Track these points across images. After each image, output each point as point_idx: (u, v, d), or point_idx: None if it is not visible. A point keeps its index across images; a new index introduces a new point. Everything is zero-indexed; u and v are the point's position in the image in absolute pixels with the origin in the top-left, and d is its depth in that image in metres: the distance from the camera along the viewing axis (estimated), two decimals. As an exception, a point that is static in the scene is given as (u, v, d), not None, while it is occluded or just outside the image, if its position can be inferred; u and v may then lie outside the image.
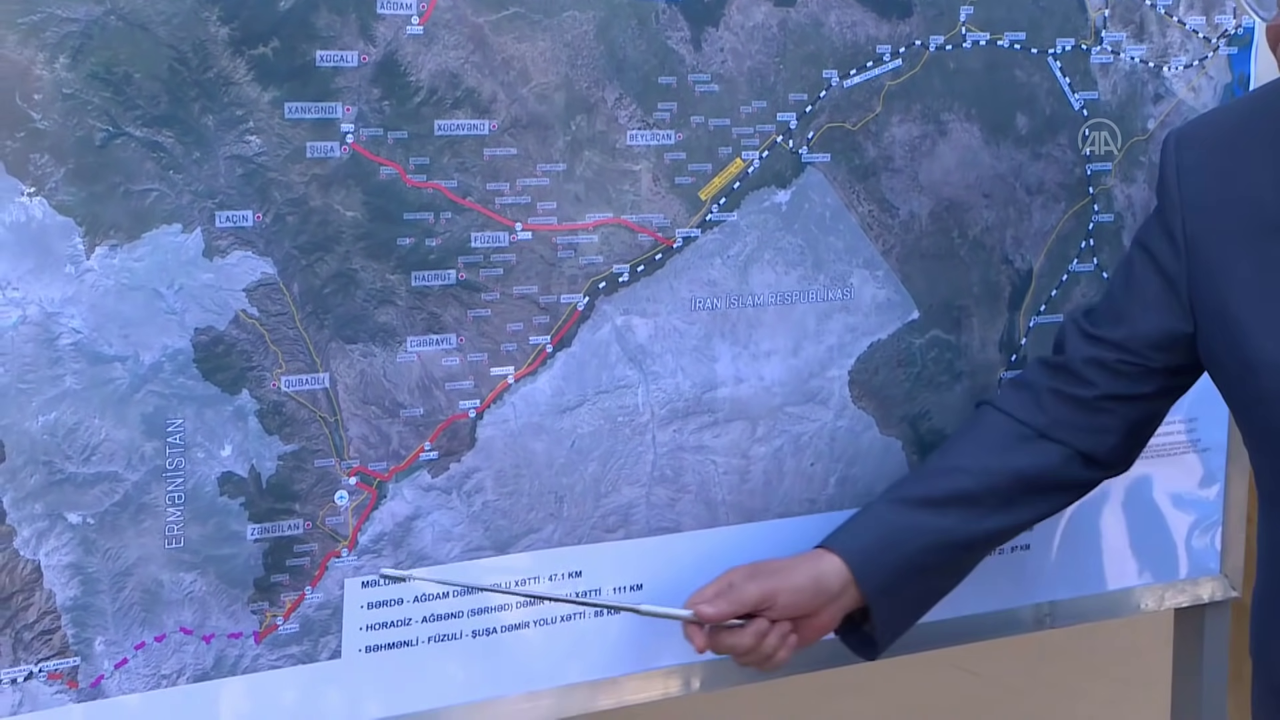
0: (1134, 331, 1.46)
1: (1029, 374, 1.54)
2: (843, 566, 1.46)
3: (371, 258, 1.37)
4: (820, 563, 1.46)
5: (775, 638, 1.44)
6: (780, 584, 1.43)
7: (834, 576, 1.46)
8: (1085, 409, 1.49)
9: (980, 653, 1.97)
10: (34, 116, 1.23)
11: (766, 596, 1.43)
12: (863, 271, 1.59)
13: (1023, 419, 1.51)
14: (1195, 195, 1.41)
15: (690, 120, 1.49)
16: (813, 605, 1.45)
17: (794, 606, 1.44)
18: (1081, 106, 1.67)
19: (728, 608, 1.42)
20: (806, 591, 1.44)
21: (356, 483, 1.38)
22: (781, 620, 1.44)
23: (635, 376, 1.49)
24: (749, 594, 1.42)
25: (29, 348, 1.25)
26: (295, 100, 1.32)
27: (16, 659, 1.26)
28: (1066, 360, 1.50)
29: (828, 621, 1.47)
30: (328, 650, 1.39)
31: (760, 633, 1.43)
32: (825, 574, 1.45)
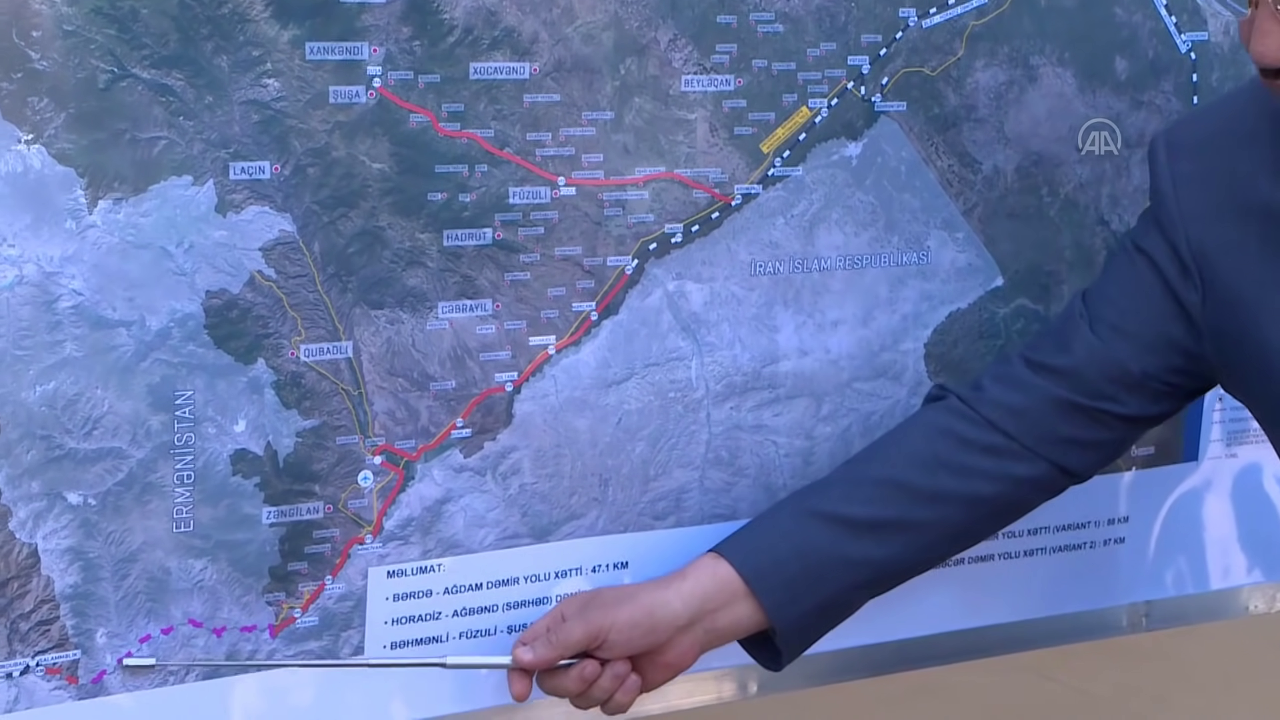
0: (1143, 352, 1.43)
1: (1017, 373, 1.46)
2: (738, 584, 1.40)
3: (400, 214, 1.37)
4: (667, 590, 1.40)
5: (608, 681, 1.39)
6: (610, 620, 1.38)
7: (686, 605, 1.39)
8: (1091, 422, 1.44)
9: (1061, 658, 1.98)
10: (32, 55, 1.24)
11: (593, 636, 1.38)
12: (941, 233, 1.58)
13: (1003, 426, 1.43)
14: (1194, 207, 1.40)
15: (752, 64, 1.48)
16: (650, 642, 1.39)
17: (628, 645, 1.39)
18: (1189, 49, 1.66)
19: (549, 652, 1.38)
20: (641, 628, 1.38)
21: (382, 462, 1.39)
22: (616, 660, 1.39)
23: (688, 348, 1.50)
24: (573, 635, 1.38)
25: (26, 311, 1.26)
26: (317, 40, 1.32)
27: (12, 651, 1.28)
28: (1076, 365, 1.44)
29: (679, 657, 1.40)
30: (350, 646, 1.40)
31: (585, 678, 1.38)
32: (669, 604, 1.39)
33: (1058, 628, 1.69)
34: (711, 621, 1.41)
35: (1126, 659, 2.87)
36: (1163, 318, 1.42)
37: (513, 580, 1.45)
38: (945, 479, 1.44)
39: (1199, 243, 1.40)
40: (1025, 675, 2.90)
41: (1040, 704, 2.94)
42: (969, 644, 1.66)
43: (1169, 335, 1.42)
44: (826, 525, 1.43)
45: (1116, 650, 2.25)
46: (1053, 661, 2.45)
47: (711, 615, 1.41)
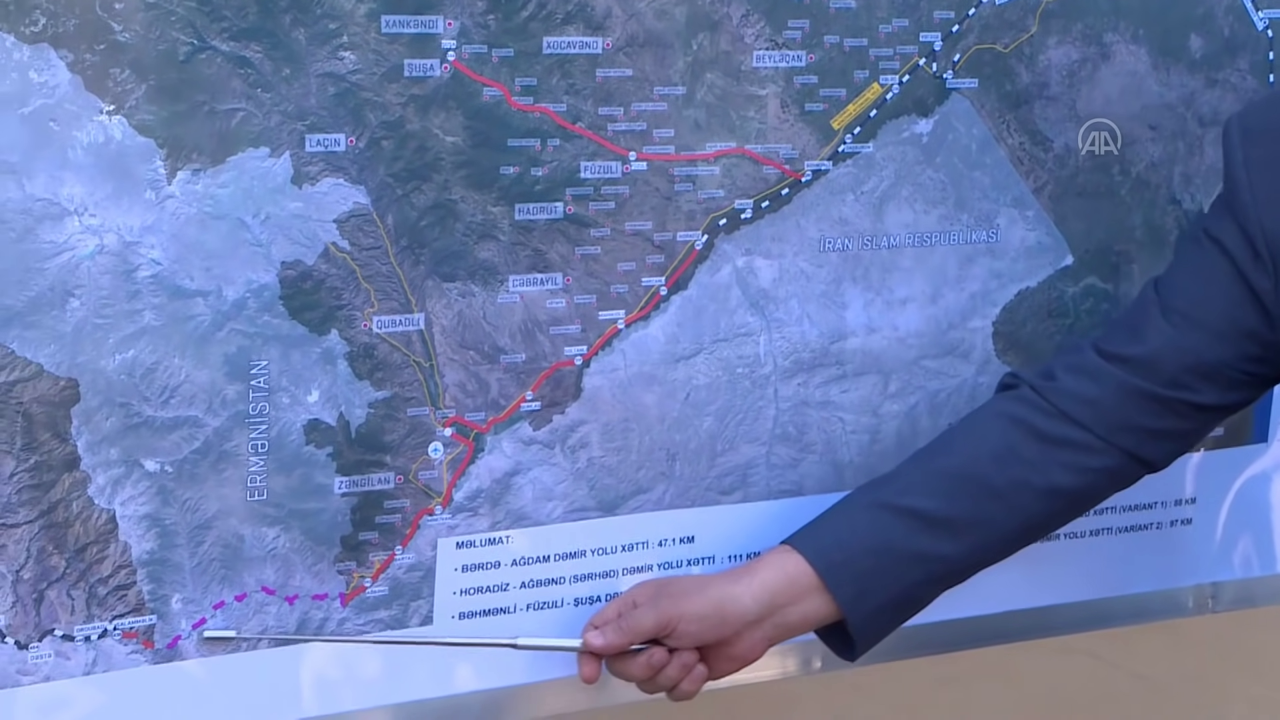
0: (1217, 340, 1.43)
1: (1090, 362, 1.46)
2: (812, 578, 1.42)
3: (472, 188, 1.40)
4: (738, 584, 1.42)
5: (674, 670, 1.41)
6: (680, 610, 1.40)
7: (755, 600, 1.41)
8: (1165, 411, 1.44)
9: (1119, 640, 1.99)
10: (114, 28, 1.27)
11: (663, 625, 1.41)
12: (1011, 211, 1.60)
13: (1077, 417, 1.44)
14: (1268, 192, 1.40)
15: (823, 40, 1.50)
16: (718, 635, 1.41)
17: (697, 636, 1.41)
18: (1266, 26, 1.67)
19: (618, 638, 1.41)
20: (710, 620, 1.41)
21: (452, 434, 1.42)
22: (684, 650, 1.42)
23: (757, 324, 1.52)
24: (644, 622, 1.40)
25: (106, 280, 1.29)
26: (393, 13, 1.35)
27: (90, 615, 1.32)
28: (1150, 355, 1.44)
29: (746, 651, 1.43)
30: (418, 616, 1.43)
31: (653, 665, 1.41)
32: (739, 599, 1.41)
33: (1123, 608, 1.70)
34: (782, 616, 1.43)
35: (1189, 643, 2.88)
36: (1236, 305, 1.43)
37: (580, 553, 1.48)
38: (1019, 472, 1.44)
39: (1273, 229, 1.40)
40: (1082, 658, 2.91)
41: (1099, 687, 2.95)
42: (1033, 623, 1.68)
43: (1243, 323, 1.43)
44: (900, 519, 1.44)
45: (1178, 633, 2.26)
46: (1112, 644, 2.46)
47: (782, 610, 1.43)
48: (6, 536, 1.29)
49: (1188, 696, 3.00)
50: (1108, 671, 2.96)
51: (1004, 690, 2.83)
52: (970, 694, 2.80)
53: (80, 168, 1.27)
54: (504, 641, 1.42)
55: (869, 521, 1.45)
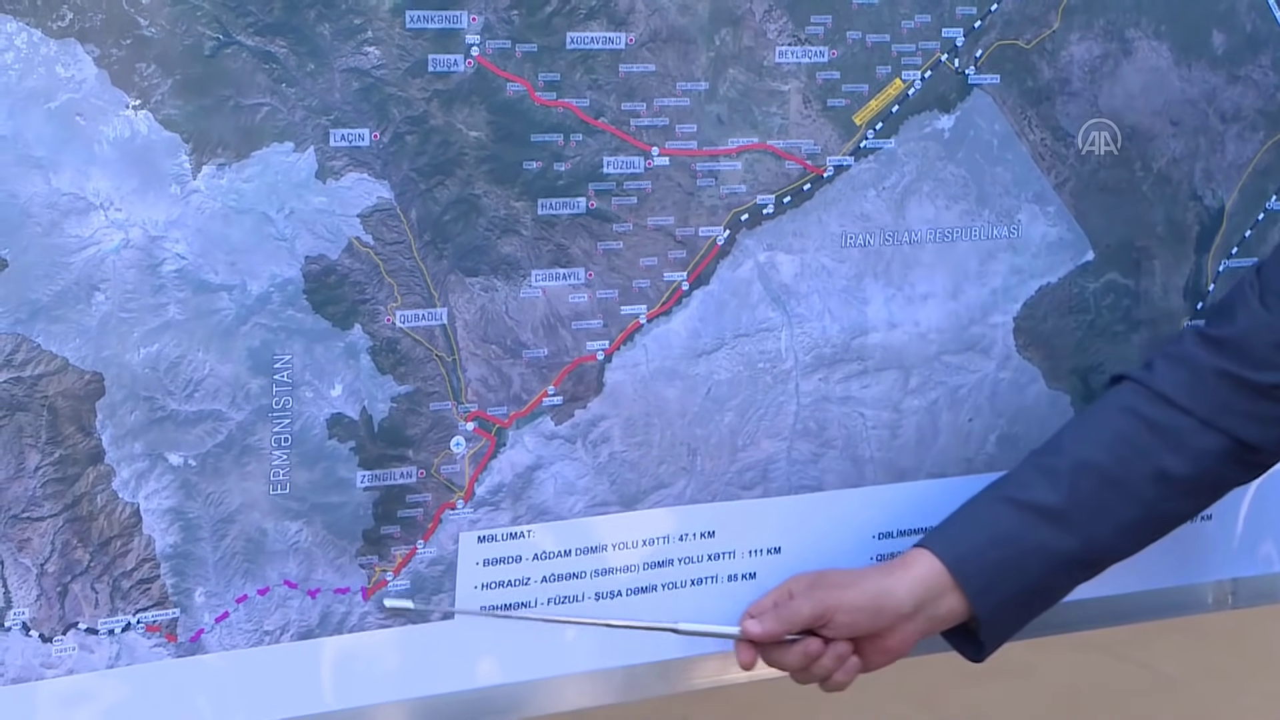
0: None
1: (1186, 349, 1.49)
2: (944, 576, 1.44)
3: (495, 183, 1.41)
4: (891, 577, 1.45)
5: (829, 660, 1.44)
6: (837, 601, 1.43)
7: (909, 593, 1.44)
8: (1259, 396, 1.46)
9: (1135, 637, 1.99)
10: (140, 22, 1.28)
11: (820, 615, 1.43)
12: (1032, 207, 1.60)
13: (1178, 401, 1.46)
14: None
15: (846, 36, 1.51)
16: (873, 627, 1.44)
17: (852, 627, 1.44)
18: (1287, 24, 1.67)
19: (776, 626, 1.44)
20: (866, 611, 1.44)
21: (474, 428, 1.43)
22: (839, 640, 1.44)
23: (778, 319, 1.53)
24: (801, 611, 1.43)
25: (131, 274, 1.30)
26: (417, 8, 1.36)
27: (114, 608, 1.33)
28: (1240, 336, 1.46)
29: (898, 644, 1.46)
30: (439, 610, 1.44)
31: (809, 654, 1.44)
32: (894, 591, 1.44)
33: (1141, 604, 1.71)
34: (933, 609, 1.45)
35: (1205, 638, 2.88)
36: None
37: (601, 548, 1.49)
38: (1131, 460, 1.46)
39: None
40: (1098, 654, 2.92)
41: (1117, 684, 2.96)
42: (1050, 619, 1.67)
43: None
44: (1020, 512, 1.46)
45: (1195, 629, 2.27)
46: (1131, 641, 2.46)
47: (932, 604, 1.45)
48: (31, 530, 1.30)
49: (1207, 693, 3.00)
50: (1126, 668, 2.96)
51: (1021, 687, 2.84)
52: (987, 690, 2.80)
53: (106, 162, 1.28)
54: (665, 625, 1.45)
55: (992, 517, 1.47)
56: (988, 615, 1.46)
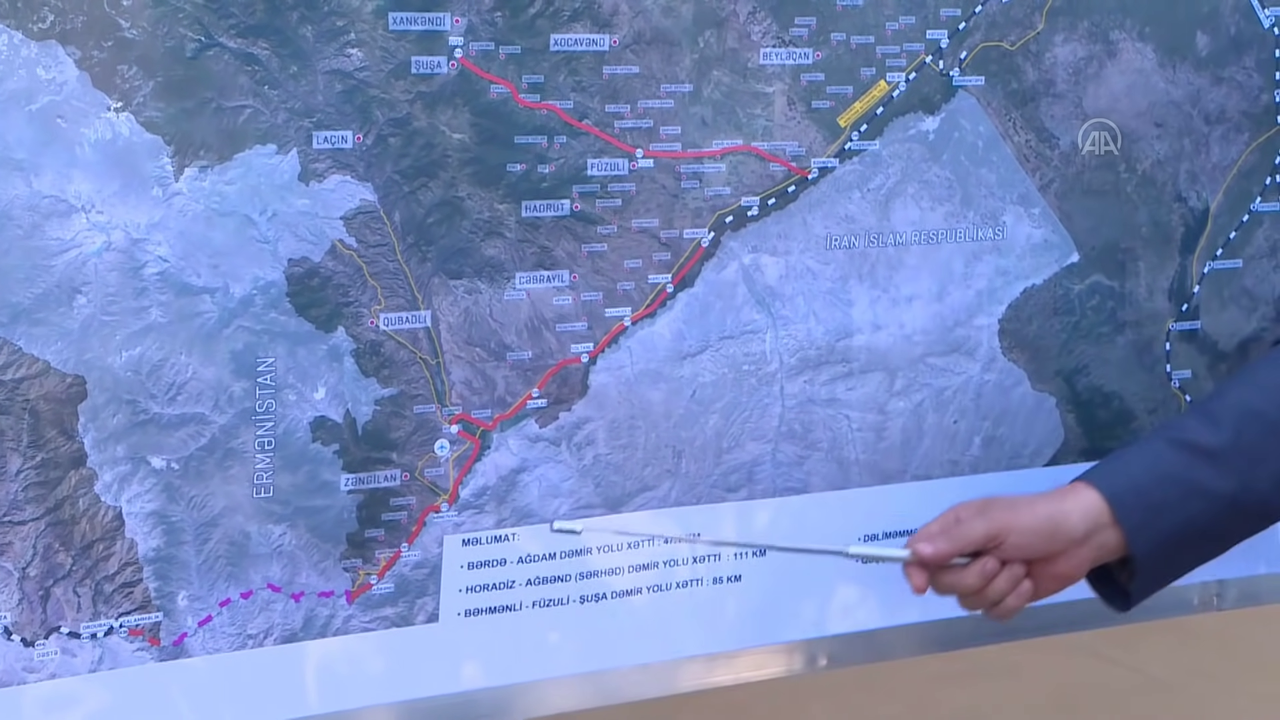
0: None
1: None
2: (1102, 506, 1.44)
3: (479, 185, 1.41)
4: (1065, 502, 1.44)
5: (1004, 581, 1.43)
6: (1011, 521, 1.42)
7: (1082, 519, 1.43)
8: None
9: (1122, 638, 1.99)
10: (122, 24, 1.28)
11: (994, 535, 1.42)
12: (1017, 208, 1.61)
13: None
14: None
15: (830, 37, 1.51)
16: (1047, 550, 1.43)
17: (1026, 549, 1.43)
18: (1273, 24, 1.67)
19: (949, 546, 1.42)
20: (1041, 534, 1.43)
21: (458, 431, 1.43)
22: (1014, 563, 1.44)
23: (763, 321, 1.53)
24: (975, 531, 1.42)
25: (113, 277, 1.30)
26: (400, 10, 1.36)
27: (96, 612, 1.32)
28: None
29: (1069, 571, 1.45)
30: (424, 613, 1.44)
31: (986, 574, 1.43)
32: (1068, 515, 1.43)
33: (1128, 606, 1.71)
34: (1101, 538, 1.43)
35: (1192, 640, 2.88)
36: None
37: (585, 551, 1.49)
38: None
39: None
40: (1085, 656, 2.92)
41: (1104, 685, 2.96)
42: (1037, 621, 1.68)
43: None
44: (1181, 452, 1.45)
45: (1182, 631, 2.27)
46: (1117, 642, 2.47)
47: (1101, 532, 1.44)
48: (13, 534, 1.29)
49: (1193, 694, 3.00)
50: (1113, 669, 2.97)
51: (1010, 688, 2.84)
52: (975, 692, 2.80)
53: (88, 165, 1.28)
54: (835, 549, 1.44)
55: (1153, 455, 1.46)
56: (1143, 553, 1.44)
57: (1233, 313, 1.71)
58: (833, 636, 1.57)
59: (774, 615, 1.56)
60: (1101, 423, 1.67)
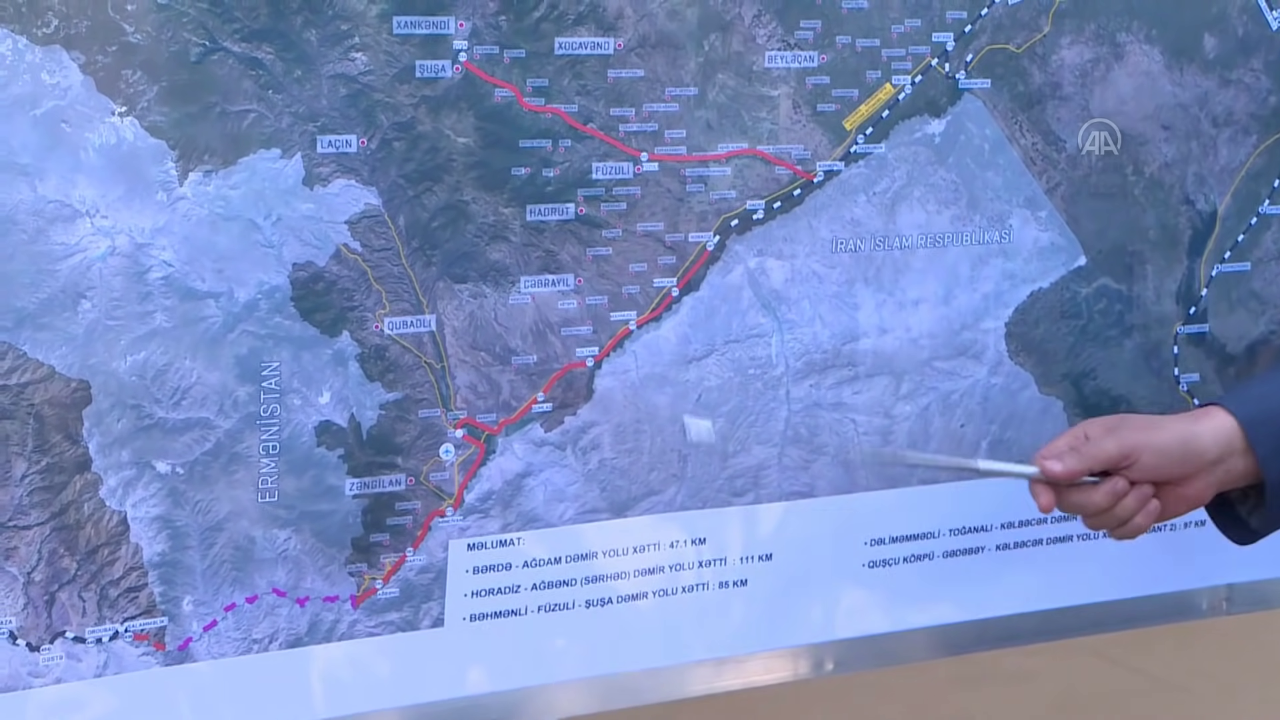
0: None
1: None
2: (1235, 430, 1.42)
3: (484, 189, 1.41)
4: (1198, 424, 1.42)
5: (1133, 500, 1.42)
6: (1144, 441, 1.41)
7: (1214, 441, 1.42)
8: None
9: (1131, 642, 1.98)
10: (126, 29, 1.28)
11: (1126, 454, 1.41)
12: (1024, 212, 1.60)
13: None
14: None
15: (835, 40, 1.51)
16: (1179, 471, 1.42)
17: (1157, 469, 1.41)
18: None
19: (1078, 464, 1.41)
20: (1173, 455, 1.41)
21: (464, 436, 1.43)
22: (1143, 483, 1.42)
23: (769, 325, 1.52)
24: (1105, 450, 1.41)
25: (118, 281, 1.30)
26: (404, 14, 1.36)
27: (102, 617, 1.32)
28: None
29: (1197, 493, 1.43)
30: (430, 618, 1.44)
31: (1116, 493, 1.41)
32: (1200, 437, 1.42)
33: (1135, 610, 1.71)
34: (1231, 463, 1.42)
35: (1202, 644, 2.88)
36: None
37: (591, 555, 1.49)
38: None
39: None
40: (1093, 660, 2.91)
41: (1112, 689, 2.95)
42: (1046, 625, 1.68)
43: None
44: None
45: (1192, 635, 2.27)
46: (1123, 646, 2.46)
47: (1231, 457, 1.42)
48: (18, 539, 1.30)
49: (1202, 699, 3.00)
50: (1121, 674, 2.96)
51: (1017, 692, 2.83)
52: (983, 696, 2.80)
53: (92, 169, 1.28)
54: (965, 464, 1.45)
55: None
56: (1276, 479, 1.42)
57: (1241, 316, 1.71)
58: (840, 641, 1.57)
59: (781, 619, 1.56)
60: (1109, 426, 1.66)
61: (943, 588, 1.56)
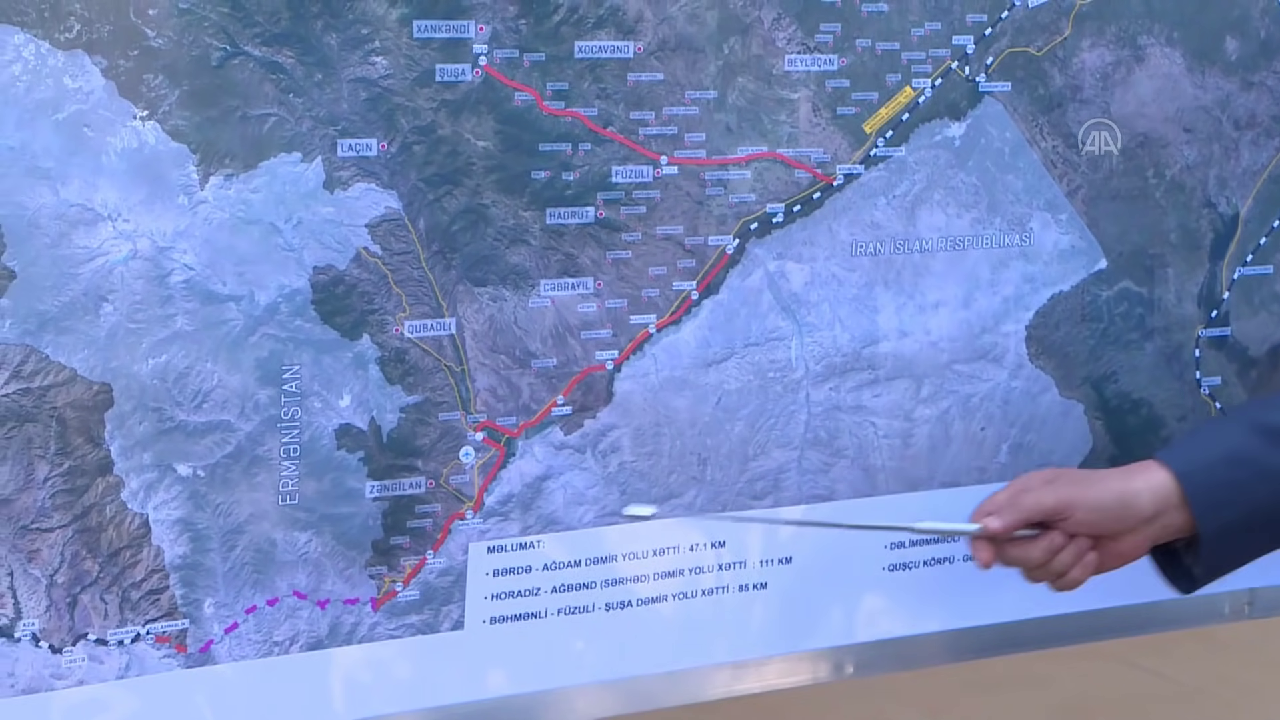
0: None
1: None
2: (1171, 485, 1.42)
3: (503, 192, 1.41)
4: (1135, 480, 1.43)
5: (1070, 554, 1.42)
6: (1080, 495, 1.42)
7: (1151, 497, 1.42)
8: None
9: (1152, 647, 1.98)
10: (148, 34, 1.28)
11: (1062, 508, 1.42)
12: (1044, 215, 1.60)
13: None
14: None
15: (855, 44, 1.51)
16: (1115, 526, 1.43)
17: (1093, 524, 1.42)
18: (1301, 30, 1.67)
19: (1016, 518, 1.42)
20: (1109, 510, 1.42)
21: (484, 439, 1.43)
22: (1080, 536, 1.43)
23: (789, 328, 1.53)
24: (1042, 503, 1.42)
25: (139, 285, 1.31)
26: (425, 18, 1.36)
27: (124, 619, 1.33)
28: None
29: (1134, 547, 1.44)
30: (449, 620, 1.44)
31: (1052, 547, 1.42)
32: (1138, 494, 1.42)
33: (1157, 615, 1.70)
34: (1168, 518, 1.42)
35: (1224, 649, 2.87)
36: None
37: (611, 558, 1.49)
38: None
39: None
40: (1114, 664, 2.91)
41: (1131, 694, 2.94)
42: (1066, 629, 1.68)
43: None
44: (1256, 434, 1.43)
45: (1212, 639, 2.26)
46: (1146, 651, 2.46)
47: (1168, 512, 1.42)
48: (41, 541, 1.30)
49: (1223, 703, 2.99)
50: (1143, 678, 2.95)
51: (1036, 697, 2.83)
52: (1003, 701, 2.79)
53: (114, 173, 1.29)
54: (903, 525, 1.45)
55: (1228, 435, 1.45)
56: (1211, 534, 1.43)
57: (1263, 319, 1.70)
58: (860, 644, 1.57)
59: (800, 622, 1.56)
60: (1130, 430, 1.66)
61: (963, 591, 1.56)
